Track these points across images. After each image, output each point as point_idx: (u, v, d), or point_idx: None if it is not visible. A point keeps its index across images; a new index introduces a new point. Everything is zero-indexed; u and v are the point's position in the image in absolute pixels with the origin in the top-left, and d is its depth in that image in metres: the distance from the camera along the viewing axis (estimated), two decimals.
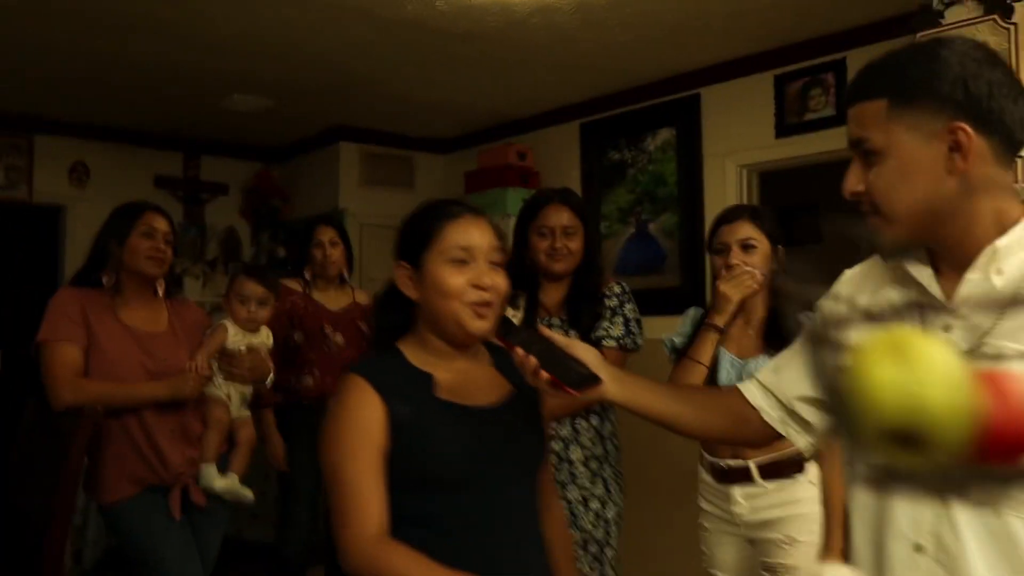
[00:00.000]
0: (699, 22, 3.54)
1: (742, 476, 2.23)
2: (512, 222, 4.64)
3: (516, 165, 4.80)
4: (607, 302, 2.57)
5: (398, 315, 1.58)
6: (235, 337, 2.68)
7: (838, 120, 3.46)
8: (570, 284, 2.61)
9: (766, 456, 2.19)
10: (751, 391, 1.43)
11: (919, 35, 2.38)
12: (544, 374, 1.33)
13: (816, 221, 4.51)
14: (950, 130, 1.10)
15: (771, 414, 1.40)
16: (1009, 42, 2.22)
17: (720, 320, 2.27)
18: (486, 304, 1.50)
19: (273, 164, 5.79)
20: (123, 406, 2.50)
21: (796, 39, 3.74)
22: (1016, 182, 1.21)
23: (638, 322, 2.59)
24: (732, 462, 2.25)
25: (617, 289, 2.62)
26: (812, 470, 2.18)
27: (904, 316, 1.20)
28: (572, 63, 4.03)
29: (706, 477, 2.35)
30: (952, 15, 2.33)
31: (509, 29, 3.60)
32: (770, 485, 2.21)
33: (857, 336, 1.06)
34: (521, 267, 2.52)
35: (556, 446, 2.53)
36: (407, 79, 4.27)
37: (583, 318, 2.53)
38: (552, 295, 2.61)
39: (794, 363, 1.39)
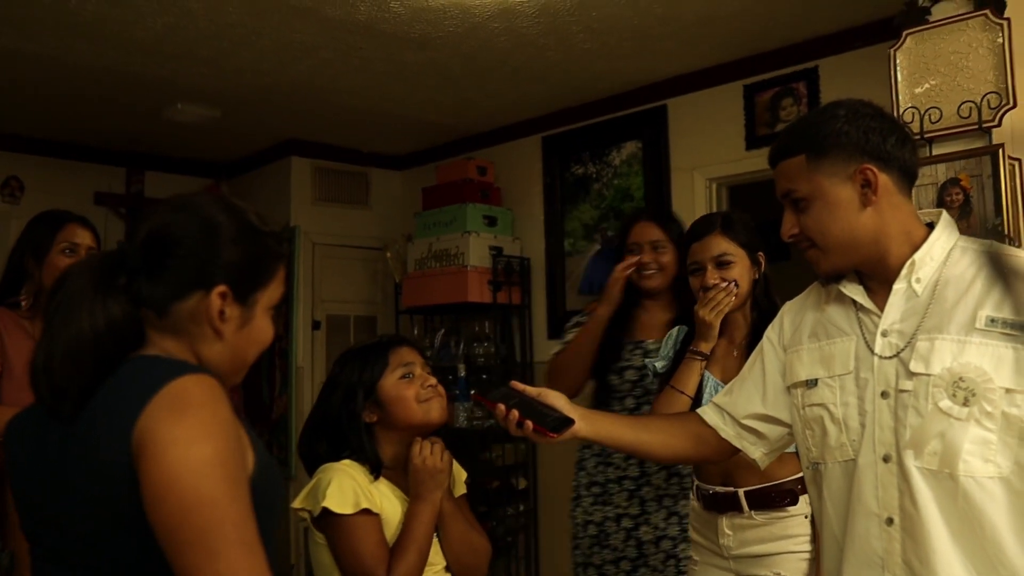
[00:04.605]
0: (666, 29, 3.40)
1: (730, 504, 2.06)
2: (472, 240, 4.52)
3: (476, 180, 4.61)
4: None
5: None
6: None
7: None
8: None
9: (757, 484, 2.02)
10: (707, 413, 1.64)
11: (905, 33, 2.22)
12: (529, 423, 1.50)
13: None
14: (860, 171, 1.35)
15: (726, 430, 1.60)
16: (1002, 37, 2.06)
17: (705, 347, 2.13)
18: None
19: (222, 180, 5.53)
20: None
21: (766, 47, 3.62)
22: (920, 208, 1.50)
23: None
24: (720, 489, 2.08)
25: None
26: (806, 505, 2.00)
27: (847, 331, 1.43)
28: (534, 73, 3.86)
29: (695, 504, 2.19)
30: (940, 11, 2.17)
31: (468, 34, 3.42)
32: (759, 517, 2.03)
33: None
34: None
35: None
36: (358, 89, 4.06)
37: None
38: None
39: (746, 385, 1.59)
